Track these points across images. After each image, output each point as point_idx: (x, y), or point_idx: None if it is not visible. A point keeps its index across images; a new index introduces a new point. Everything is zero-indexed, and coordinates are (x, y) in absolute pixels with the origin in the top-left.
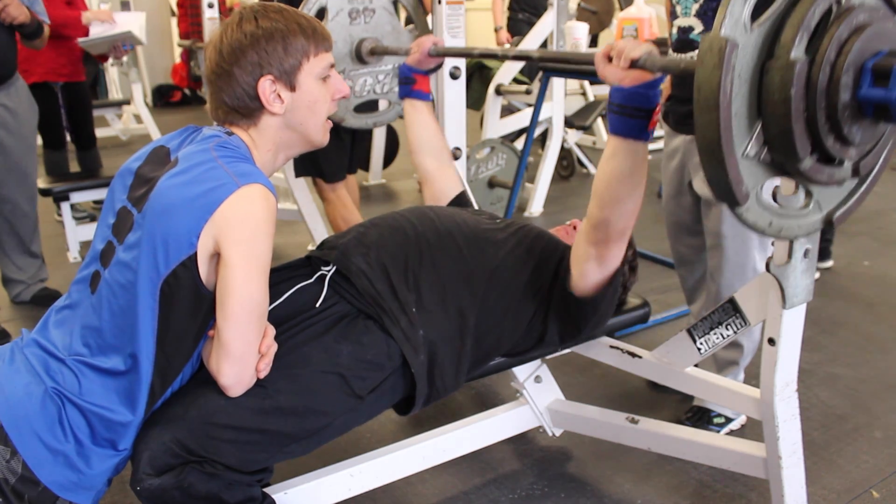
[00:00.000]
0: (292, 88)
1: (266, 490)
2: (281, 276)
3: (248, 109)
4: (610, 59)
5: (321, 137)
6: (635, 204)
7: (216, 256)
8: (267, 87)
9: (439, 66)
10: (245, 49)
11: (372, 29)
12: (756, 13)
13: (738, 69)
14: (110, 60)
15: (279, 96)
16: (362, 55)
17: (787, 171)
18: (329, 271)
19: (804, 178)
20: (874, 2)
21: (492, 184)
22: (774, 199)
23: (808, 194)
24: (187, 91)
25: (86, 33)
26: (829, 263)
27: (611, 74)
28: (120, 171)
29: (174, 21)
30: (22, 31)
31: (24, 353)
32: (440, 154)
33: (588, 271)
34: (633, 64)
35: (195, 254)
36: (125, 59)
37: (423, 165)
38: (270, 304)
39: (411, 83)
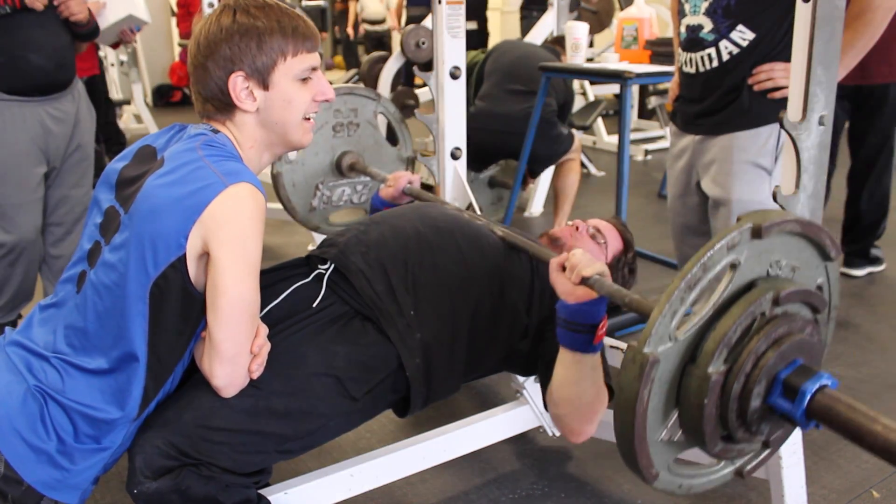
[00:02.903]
0: (265, 87)
1: (265, 490)
2: (278, 275)
3: (221, 104)
4: (564, 269)
5: (300, 138)
6: (589, 410)
7: (205, 257)
8: (238, 84)
9: (410, 202)
10: (219, 43)
11: (354, 142)
12: None
13: (659, 377)
14: (111, 60)
15: (251, 94)
16: (342, 169)
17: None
18: (327, 270)
19: (716, 456)
20: (797, 307)
21: (492, 183)
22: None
23: (719, 458)
24: (187, 91)
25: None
26: (882, 267)
27: (559, 285)
28: (106, 171)
29: (174, 21)
30: (77, 30)
31: (6, 351)
32: None
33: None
34: (584, 281)
35: (184, 255)
36: (128, 53)
37: None
38: (268, 303)
39: None
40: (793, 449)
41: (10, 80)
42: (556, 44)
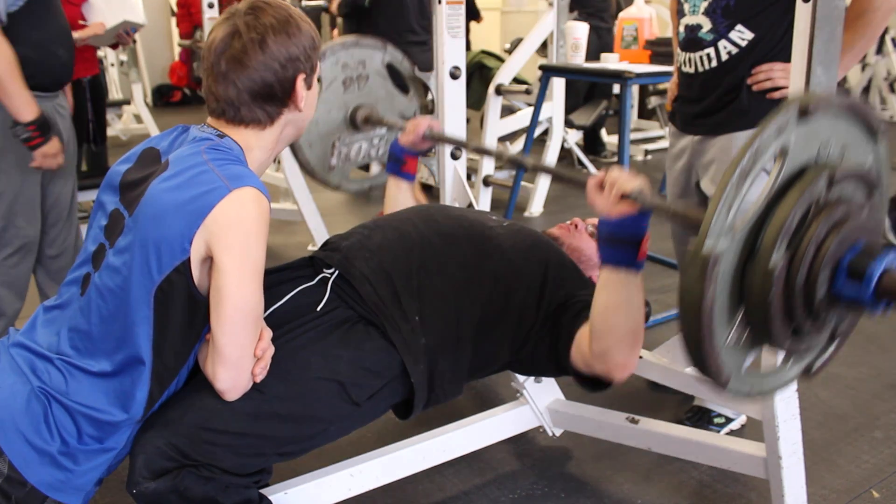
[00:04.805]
0: (309, 87)
1: (266, 490)
2: (282, 276)
3: (274, 105)
4: (602, 188)
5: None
6: (635, 337)
7: (209, 261)
8: (301, 84)
9: (431, 148)
10: (285, 42)
11: (366, 95)
12: None
13: (721, 275)
14: (111, 60)
15: (302, 94)
16: (357, 123)
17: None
18: (332, 274)
19: (785, 351)
20: (851, 187)
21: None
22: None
23: (787, 355)
24: (187, 91)
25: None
26: None
27: (600, 204)
28: (109, 173)
29: (174, 21)
30: None
31: (10, 353)
32: None
33: (585, 370)
34: (625, 197)
35: (188, 259)
36: (128, 53)
37: None
38: (272, 304)
39: (400, 164)
40: (793, 449)
41: (39, 77)
42: None
